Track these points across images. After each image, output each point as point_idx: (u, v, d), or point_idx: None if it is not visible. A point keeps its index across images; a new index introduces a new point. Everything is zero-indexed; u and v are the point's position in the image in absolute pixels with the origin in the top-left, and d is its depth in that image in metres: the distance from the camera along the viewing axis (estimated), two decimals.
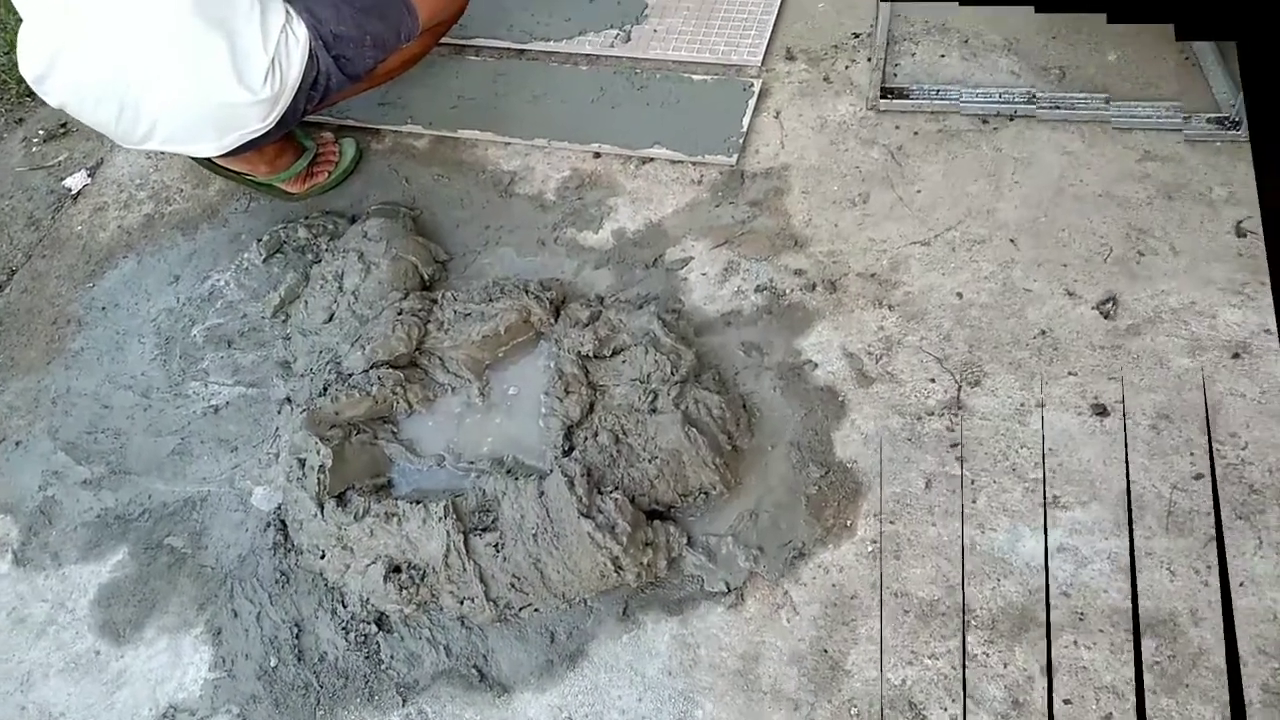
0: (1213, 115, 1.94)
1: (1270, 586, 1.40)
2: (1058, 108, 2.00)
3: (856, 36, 2.22)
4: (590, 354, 1.74)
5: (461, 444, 1.73)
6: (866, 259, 1.85)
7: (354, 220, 2.08)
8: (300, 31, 1.74)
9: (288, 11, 1.74)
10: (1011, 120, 2.01)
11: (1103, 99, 1.98)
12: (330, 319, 1.88)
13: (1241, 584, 1.41)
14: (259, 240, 2.08)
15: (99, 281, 2.14)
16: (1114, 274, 1.75)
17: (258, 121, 1.76)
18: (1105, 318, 1.70)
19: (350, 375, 1.76)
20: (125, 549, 1.74)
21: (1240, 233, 1.77)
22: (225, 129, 1.75)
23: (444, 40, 2.26)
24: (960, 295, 1.77)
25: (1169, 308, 1.70)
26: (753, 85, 2.13)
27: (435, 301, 1.86)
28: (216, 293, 2.06)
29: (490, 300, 1.83)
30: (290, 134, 2.05)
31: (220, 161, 1.99)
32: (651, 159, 2.08)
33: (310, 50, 1.76)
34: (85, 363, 2.01)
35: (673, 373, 1.68)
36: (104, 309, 2.09)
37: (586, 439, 1.66)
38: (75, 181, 2.37)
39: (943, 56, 2.14)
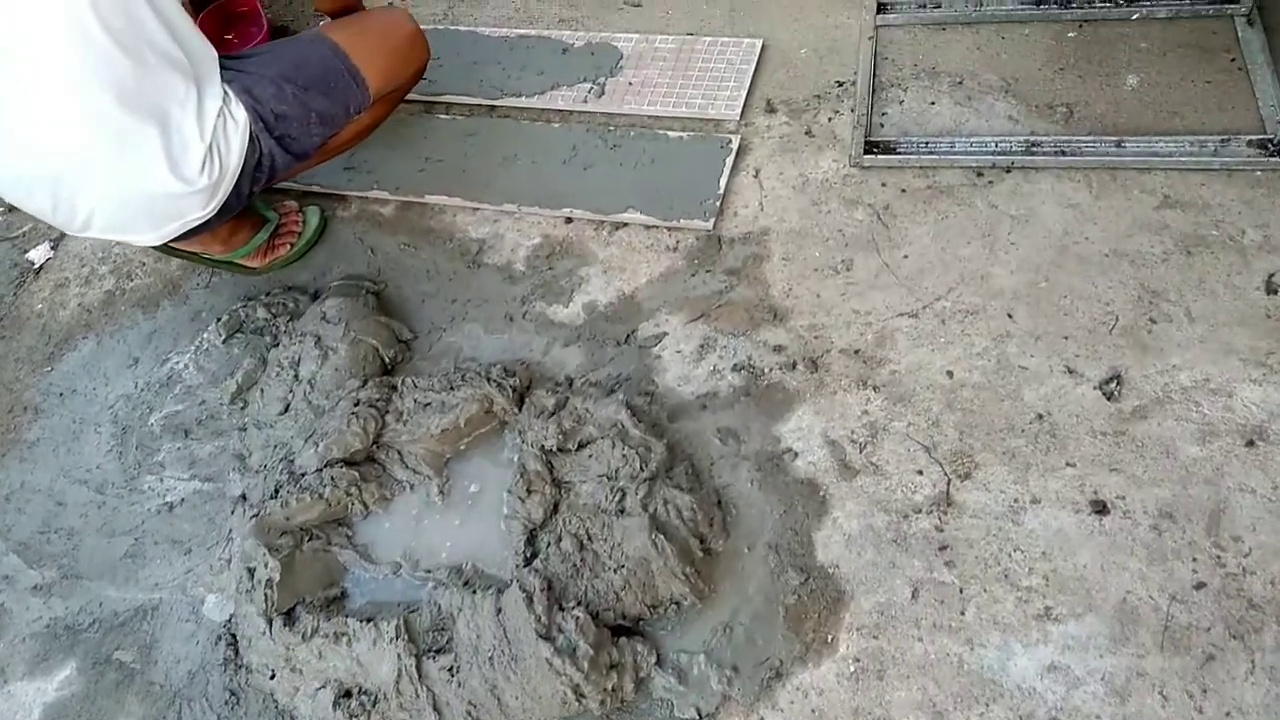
0: (1255, 137, 1.77)
1: (1258, 716, 1.27)
2: (1062, 153, 1.84)
3: (840, 85, 2.08)
4: (554, 448, 1.63)
5: (419, 550, 1.63)
6: (850, 333, 1.72)
7: (316, 296, 1.98)
8: (239, 114, 1.64)
9: (225, 93, 1.64)
10: (1009, 172, 1.87)
11: (1114, 141, 1.83)
12: (286, 410, 1.79)
13: (1228, 714, 1.27)
14: (218, 319, 1.99)
15: (57, 365, 2.06)
16: (1120, 347, 1.61)
17: (198, 210, 1.66)
18: (1108, 399, 1.56)
19: (303, 475, 1.66)
20: (73, 664, 1.66)
21: (1271, 288, 1.61)
22: (163, 219, 1.66)
23: (411, 97, 2.16)
24: (950, 374, 1.64)
25: (1180, 386, 1.55)
26: (731, 142, 2.00)
27: (394, 389, 1.76)
28: (175, 377, 1.97)
29: (451, 388, 1.72)
30: (248, 208, 1.95)
31: (173, 244, 1.90)
32: (625, 224, 1.96)
33: (250, 133, 1.66)
34: (41, 455, 1.93)
35: (641, 468, 1.57)
36: (61, 395, 2.01)
37: (549, 544, 1.55)
38: (38, 255, 2.29)
39: (933, 104, 2.00)
